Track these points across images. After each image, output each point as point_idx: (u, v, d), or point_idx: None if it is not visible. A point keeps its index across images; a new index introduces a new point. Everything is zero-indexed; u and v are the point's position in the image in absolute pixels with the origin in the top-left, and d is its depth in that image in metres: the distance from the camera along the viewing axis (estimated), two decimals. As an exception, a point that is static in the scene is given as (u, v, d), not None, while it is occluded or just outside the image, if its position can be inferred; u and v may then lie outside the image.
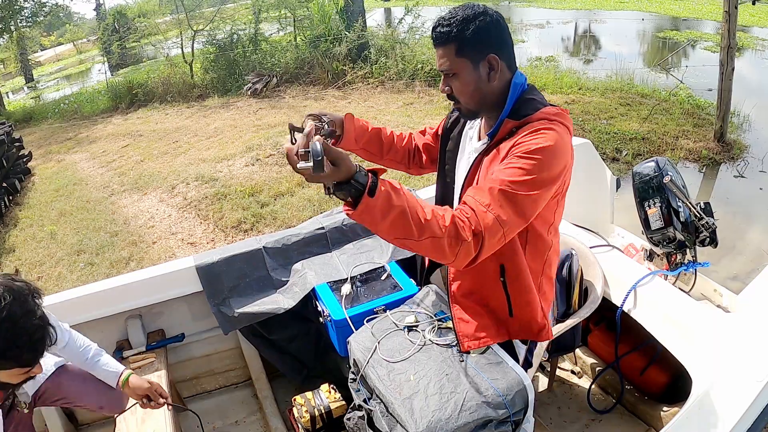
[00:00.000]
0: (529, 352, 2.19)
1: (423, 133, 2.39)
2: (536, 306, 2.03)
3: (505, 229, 1.64)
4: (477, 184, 1.82)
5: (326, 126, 2.00)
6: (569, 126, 1.85)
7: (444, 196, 2.23)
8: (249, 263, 3.11)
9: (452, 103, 1.92)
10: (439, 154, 2.20)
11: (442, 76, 1.85)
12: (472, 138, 2.06)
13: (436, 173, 2.26)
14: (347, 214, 1.55)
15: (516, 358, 2.13)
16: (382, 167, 1.65)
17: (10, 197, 8.38)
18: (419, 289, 2.54)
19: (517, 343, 2.14)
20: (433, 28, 1.81)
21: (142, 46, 20.25)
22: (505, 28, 1.84)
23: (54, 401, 2.43)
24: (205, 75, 13.42)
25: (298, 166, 1.43)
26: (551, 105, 1.89)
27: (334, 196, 1.53)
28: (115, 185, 8.23)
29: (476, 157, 1.93)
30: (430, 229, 1.55)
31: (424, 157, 2.36)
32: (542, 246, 1.98)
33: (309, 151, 1.42)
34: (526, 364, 2.18)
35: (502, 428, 1.85)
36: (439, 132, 2.25)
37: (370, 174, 1.53)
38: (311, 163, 1.41)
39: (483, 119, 2.00)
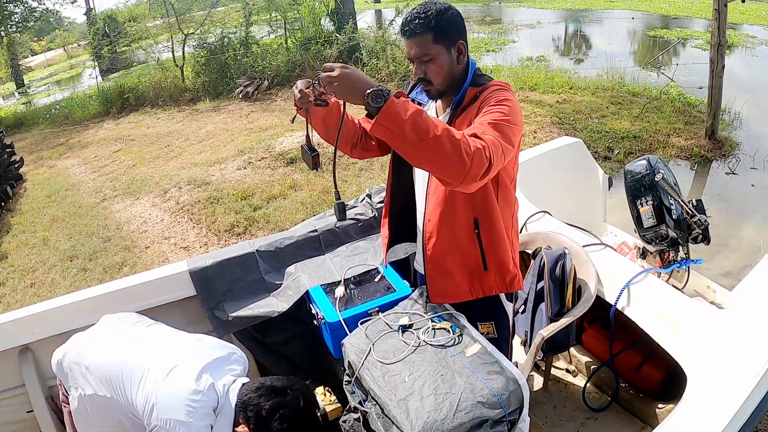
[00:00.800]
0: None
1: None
2: (508, 256, 2.24)
3: (503, 148, 1.84)
4: None
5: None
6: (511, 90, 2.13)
7: (400, 174, 2.42)
8: (242, 267, 3.10)
9: (422, 84, 2.15)
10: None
11: (416, 63, 2.08)
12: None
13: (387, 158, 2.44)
14: (373, 123, 1.70)
15: (505, 314, 2.37)
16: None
17: (2, 203, 8.35)
18: (413, 291, 2.54)
19: (503, 298, 2.35)
20: (409, 21, 2.03)
21: (132, 50, 20.17)
22: (463, 20, 2.11)
23: None
24: (196, 78, 13.39)
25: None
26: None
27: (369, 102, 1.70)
28: (107, 190, 8.21)
29: None
30: (447, 129, 1.70)
31: (373, 142, 2.42)
32: (510, 198, 2.23)
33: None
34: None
35: (498, 428, 1.84)
36: None
37: (387, 94, 1.71)
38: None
39: (440, 101, 2.25)
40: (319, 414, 2.56)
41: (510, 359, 2.47)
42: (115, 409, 2.25)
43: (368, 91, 1.68)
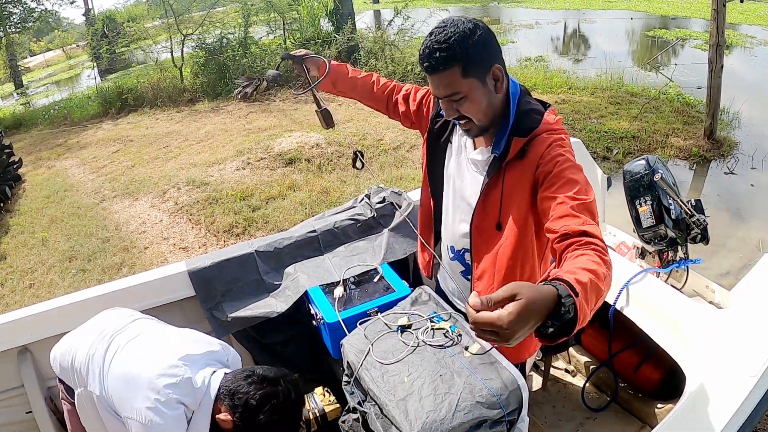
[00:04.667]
0: None
1: (404, 93, 2.36)
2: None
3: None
4: (503, 202, 1.87)
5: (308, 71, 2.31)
6: (566, 133, 1.89)
7: (433, 202, 2.28)
8: (241, 267, 3.10)
9: (461, 123, 1.83)
10: (427, 156, 2.21)
11: (445, 103, 1.76)
12: (468, 146, 2.03)
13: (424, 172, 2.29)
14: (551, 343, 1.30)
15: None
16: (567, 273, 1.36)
17: (1, 204, 8.34)
18: (412, 291, 2.54)
19: None
20: (429, 54, 1.67)
21: (131, 50, 20.16)
22: (494, 36, 1.76)
23: None
24: (195, 79, 13.38)
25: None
26: (542, 106, 1.92)
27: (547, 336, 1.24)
28: (106, 191, 8.20)
29: (489, 176, 1.90)
30: (604, 279, 1.45)
31: (402, 118, 2.39)
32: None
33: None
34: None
35: (497, 428, 1.84)
36: (424, 112, 2.25)
37: (570, 293, 1.24)
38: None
39: None
40: (311, 415, 2.56)
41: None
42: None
43: (551, 324, 1.21)
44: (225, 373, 2.09)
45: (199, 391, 2.02)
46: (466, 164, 2.04)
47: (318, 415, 2.64)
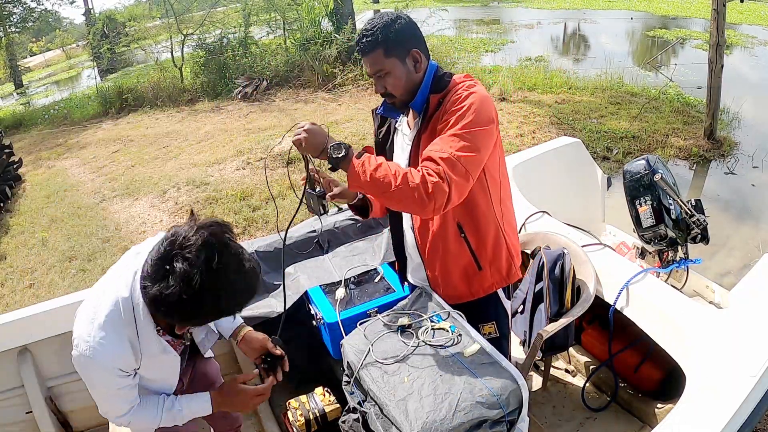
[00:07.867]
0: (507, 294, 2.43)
1: None
2: (502, 250, 2.27)
3: (468, 160, 1.91)
4: (421, 147, 2.09)
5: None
6: (478, 82, 2.10)
7: None
8: (241, 267, 3.09)
9: (386, 99, 2.16)
10: (377, 152, 2.37)
11: (375, 79, 2.11)
12: (404, 132, 2.27)
13: None
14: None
15: (505, 312, 2.38)
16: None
17: (1, 204, 8.34)
18: (412, 291, 2.54)
19: (501, 296, 2.36)
20: (359, 41, 2.07)
21: (131, 50, 20.16)
22: (416, 26, 2.11)
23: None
24: (195, 79, 13.37)
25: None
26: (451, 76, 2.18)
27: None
28: (106, 191, 8.20)
29: (413, 139, 2.15)
30: (405, 176, 1.85)
31: None
32: (497, 190, 2.21)
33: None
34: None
35: (497, 428, 1.84)
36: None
37: (348, 147, 1.91)
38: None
39: (411, 112, 2.23)
40: (311, 415, 2.56)
41: (509, 355, 2.48)
42: None
43: (329, 146, 1.88)
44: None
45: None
46: (404, 144, 2.26)
47: (318, 415, 2.65)
